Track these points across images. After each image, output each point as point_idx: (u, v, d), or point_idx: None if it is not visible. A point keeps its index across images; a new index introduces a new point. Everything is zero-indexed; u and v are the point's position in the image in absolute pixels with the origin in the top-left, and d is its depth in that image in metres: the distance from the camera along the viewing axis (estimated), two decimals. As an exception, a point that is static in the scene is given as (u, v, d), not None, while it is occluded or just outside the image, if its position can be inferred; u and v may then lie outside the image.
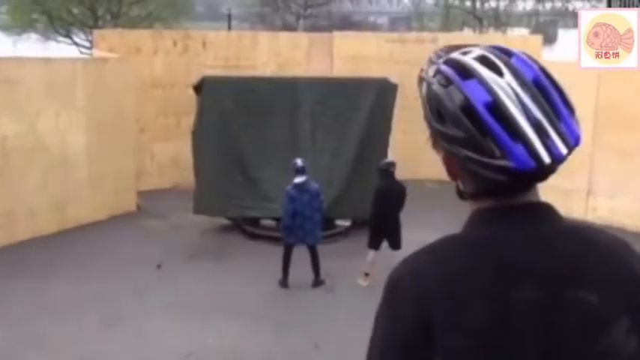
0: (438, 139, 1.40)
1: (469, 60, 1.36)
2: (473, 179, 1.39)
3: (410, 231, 9.69)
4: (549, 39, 33.90)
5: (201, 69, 13.80)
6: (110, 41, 14.63)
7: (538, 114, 1.31)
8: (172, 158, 14.62)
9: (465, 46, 1.42)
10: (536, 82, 1.33)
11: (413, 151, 15.45)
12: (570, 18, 32.47)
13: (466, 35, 27.28)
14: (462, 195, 1.48)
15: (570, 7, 31.09)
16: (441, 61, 1.40)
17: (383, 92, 12.05)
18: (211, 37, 15.60)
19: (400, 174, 11.48)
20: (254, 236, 11.60)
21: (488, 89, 1.31)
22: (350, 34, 16.46)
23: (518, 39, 19.26)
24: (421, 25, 37.64)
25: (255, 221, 11.92)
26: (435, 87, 1.36)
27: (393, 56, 15.70)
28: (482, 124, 1.31)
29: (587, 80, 12.82)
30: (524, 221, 1.38)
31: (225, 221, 12.34)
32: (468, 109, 1.31)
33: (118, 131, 12.72)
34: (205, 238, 11.84)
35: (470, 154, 1.33)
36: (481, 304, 1.31)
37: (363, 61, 15.36)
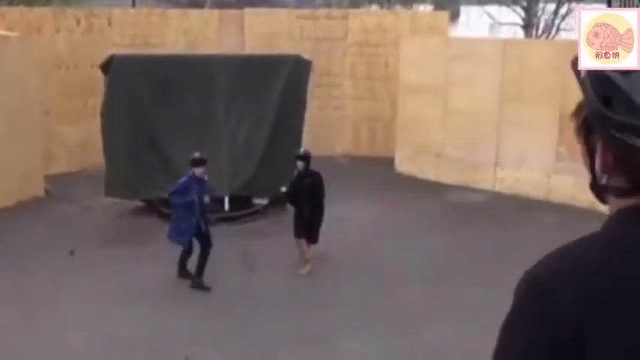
0: (600, 125, 1.28)
1: None
2: (634, 174, 1.27)
3: (329, 207, 9.78)
4: (452, 15, 34.72)
5: (107, 48, 13.32)
6: (9, 19, 13.86)
7: None
8: (80, 140, 14.13)
9: None
10: None
11: (326, 128, 15.66)
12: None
13: (376, 11, 27.51)
14: (600, 190, 1.35)
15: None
16: None
17: (297, 68, 11.98)
18: (117, 15, 15.06)
19: (314, 150, 11.47)
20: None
21: None
22: (261, 11, 16.25)
23: (426, 15, 19.60)
24: (327, 2, 37.64)
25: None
26: (610, 73, 1.26)
27: (304, 33, 15.67)
28: None
29: (493, 55, 13.22)
30: None
31: (139, 204, 12.02)
32: None
33: (21, 114, 12.13)
34: (119, 222, 11.49)
35: None
36: None
37: (275, 38, 15.25)
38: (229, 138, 11.66)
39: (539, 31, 26.06)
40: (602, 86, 1.26)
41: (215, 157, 11.32)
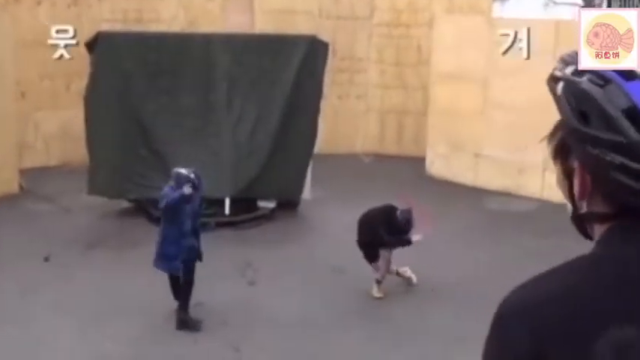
0: (576, 144, 1.41)
1: None
2: (613, 196, 1.39)
3: (345, 213, 9.67)
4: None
5: (96, 24, 13.47)
6: (-17, -12, 13.99)
7: None
8: (61, 129, 14.25)
9: None
10: None
11: (347, 121, 15.60)
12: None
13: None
14: (582, 219, 1.48)
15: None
16: None
17: (312, 51, 11.93)
18: (108, -14, 15.13)
19: (332, 147, 11.46)
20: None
21: None
22: (274, -16, 16.23)
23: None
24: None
25: (162, 203, 11.67)
26: (586, 85, 1.38)
27: (324, 11, 15.66)
28: None
29: (543, 39, 13.04)
30: None
31: (126, 204, 12.06)
32: (632, 111, 1.34)
33: (-7, 97, 12.22)
34: (102, 224, 11.54)
35: (627, 162, 1.34)
36: (612, 340, 1.30)
37: (290, 16, 15.23)
38: (231, 130, 11.65)
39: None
40: (578, 102, 1.39)
41: (215, 153, 11.32)
